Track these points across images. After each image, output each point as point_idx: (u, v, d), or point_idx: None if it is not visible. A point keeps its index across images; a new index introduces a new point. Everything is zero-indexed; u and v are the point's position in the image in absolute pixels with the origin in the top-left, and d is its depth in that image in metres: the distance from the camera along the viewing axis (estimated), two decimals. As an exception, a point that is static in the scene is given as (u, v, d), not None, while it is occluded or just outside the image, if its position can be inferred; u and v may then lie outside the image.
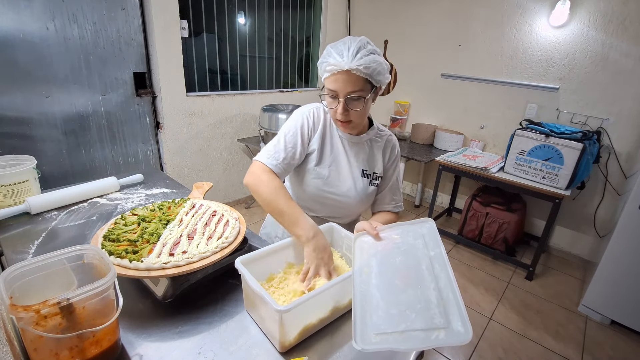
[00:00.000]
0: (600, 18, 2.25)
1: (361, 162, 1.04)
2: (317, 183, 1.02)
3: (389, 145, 1.08)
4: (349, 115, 0.91)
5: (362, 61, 0.84)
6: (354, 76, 0.85)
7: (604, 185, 2.42)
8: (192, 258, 0.75)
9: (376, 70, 0.86)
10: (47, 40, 1.85)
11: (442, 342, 0.57)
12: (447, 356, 1.73)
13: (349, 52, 0.85)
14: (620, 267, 1.90)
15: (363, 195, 1.04)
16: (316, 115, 1.03)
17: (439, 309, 0.61)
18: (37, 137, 1.94)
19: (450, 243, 2.82)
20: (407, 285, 0.68)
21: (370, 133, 1.05)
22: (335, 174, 1.02)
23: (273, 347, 0.69)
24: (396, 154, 1.10)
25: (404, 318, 0.62)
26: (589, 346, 1.85)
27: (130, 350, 0.66)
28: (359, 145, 1.04)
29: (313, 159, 1.02)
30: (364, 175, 1.04)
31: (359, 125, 0.98)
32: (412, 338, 0.59)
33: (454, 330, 0.57)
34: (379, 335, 0.61)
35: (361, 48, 0.86)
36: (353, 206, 1.05)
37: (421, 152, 2.89)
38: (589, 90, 2.39)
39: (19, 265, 0.60)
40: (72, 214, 1.11)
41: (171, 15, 2.27)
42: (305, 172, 1.03)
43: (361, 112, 0.91)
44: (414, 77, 3.31)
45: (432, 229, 0.77)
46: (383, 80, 0.91)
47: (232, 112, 2.87)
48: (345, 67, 0.84)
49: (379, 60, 0.87)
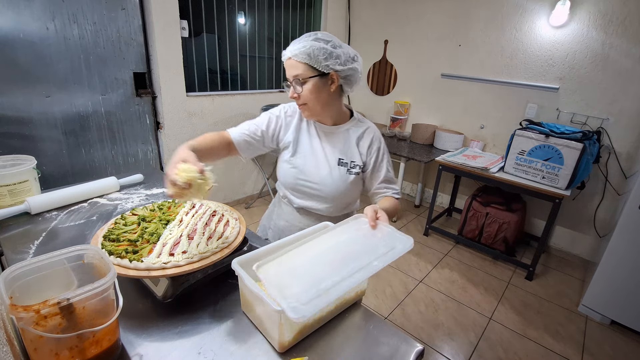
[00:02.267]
0: (600, 18, 2.25)
1: (338, 152, 1.09)
2: (294, 172, 1.10)
3: (368, 135, 1.12)
4: (299, 98, 1.01)
5: (298, 46, 0.95)
6: (294, 62, 0.97)
7: (604, 185, 2.42)
8: (192, 258, 0.75)
9: (313, 55, 0.94)
10: (47, 40, 1.85)
11: (283, 306, 0.56)
12: (447, 356, 1.73)
13: (295, 42, 0.97)
14: (620, 267, 1.90)
15: (340, 183, 1.08)
16: (291, 110, 1.14)
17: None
18: (37, 137, 1.94)
19: (450, 243, 2.82)
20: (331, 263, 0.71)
21: (348, 124, 1.11)
22: (311, 163, 1.09)
23: (272, 348, 0.69)
24: (378, 144, 1.12)
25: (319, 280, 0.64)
26: (589, 346, 1.85)
27: (130, 350, 0.66)
28: (335, 135, 1.11)
29: (289, 151, 1.11)
30: (340, 164, 1.09)
31: (315, 109, 1.03)
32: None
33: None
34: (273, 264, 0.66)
35: (305, 37, 0.97)
36: (331, 194, 1.09)
37: (421, 152, 2.89)
38: (589, 90, 2.39)
39: (19, 265, 0.60)
40: (72, 214, 1.11)
41: (171, 15, 2.27)
42: (283, 163, 1.13)
43: (308, 95, 0.99)
44: (414, 77, 3.31)
45: (407, 248, 0.77)
46: (332, 66, 0.96)
47: (232, 112, 2.87)
48: (287, 55, 0.98)
49: (318, 46, 0.95)
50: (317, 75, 0.97)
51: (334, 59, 0.96)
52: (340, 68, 0.98)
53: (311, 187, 1.10)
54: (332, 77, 0.99)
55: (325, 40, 0.96)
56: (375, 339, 0.74)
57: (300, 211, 1.17)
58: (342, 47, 0.99)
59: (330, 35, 0.99)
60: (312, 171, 1.09)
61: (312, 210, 1.14)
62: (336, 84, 1.01)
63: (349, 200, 1.15)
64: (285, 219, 1.21)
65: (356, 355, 0.69)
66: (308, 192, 1.11)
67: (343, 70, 0.99)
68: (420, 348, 0.71)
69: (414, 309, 2.05)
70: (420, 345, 0.72)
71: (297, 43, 0.96)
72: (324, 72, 0.97)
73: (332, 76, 0.99)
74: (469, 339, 1.85)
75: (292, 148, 1.11)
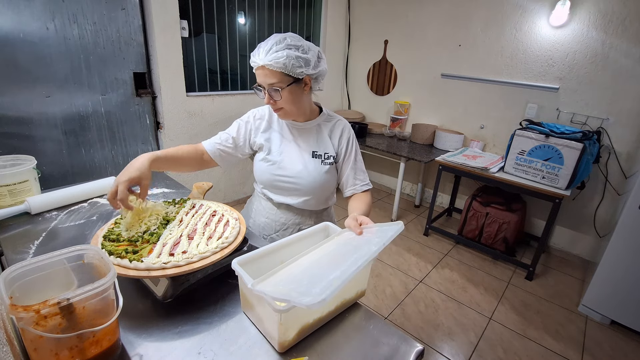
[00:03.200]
0: (600, 18, 2.25)
1: (311, 145, 1.14)
2: (270, 169, 1.14)
3: (338, 127, 1.17)
4: (276, 104, 1.03)
5: (272, 57, 0.94)
6: (268, 70, 0.96)
7: (604, 185, 2.42)
8: (192, 258, 0.75)
9: (289, 64, 0.95)
10: (47, 40, 1.85)
11: (293, 301, 0.57)
12: (447, 356, 1.73)
13: (264, 49, 0.96)
14: (620, 267, 1.90)
15: (316, 174, 1.12)
16: (260, 113, 1.18)
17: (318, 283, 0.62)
18: (37, 137, 1.94)
19: (450, 243, 2.82)
20: (327, 267, 0.70)
21: (319, 119, 1.16)
22: (286, 159, 1.13)
23: (272, 348, 0.69)
24: (348, 135, 1.17)
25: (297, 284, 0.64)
26: (589, 346, 1.85)
27: (130, 350, 0.66)
28: (307, 130, 1.15)
29: (264, 150, 1.15)
30: (314, 156, 1.13)
31: (292, 111, 1.06)
32: (282, 293, 0.60)
33: (306, 297, 0.57)
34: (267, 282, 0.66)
35: (276, 44, 0.96)
36: (308, 186, 1.13)
37: (421, 152, 2.89)
38: (589, 90, 2.39)
39: (19, 265, 0.60)
40: (72, 214, 1.11)
41: (171, 15, 2.27)
42: (259, 162, 1.16)
43: (286, 100, 1.01)
44: (414, 77, 3.31)
45: (398, 230, 0.80)
46: (306, 72, 0.99)
47: (232, 112, 2.87)
48: (260, 63, 0.97)
49: (292, 55, 0.95)
50: (293, 82, 1.00)
51: (306, 65, 0.99)
52: (312, 72, 1.01)
53: (288, 182, 1.13)
54: (305, 80, 1.02)
55: (296, 46, 0.97)
56: (375, 339, 0.74)
57: (281, 207, 1.20)
58: (310, 49, 1.01)
59: (298, 38, 1.00)
60: (287, 166, 1.12)
61: (293, 205, 1.17)
62: (309, 85, 1.05)
63: (326, 194, 1.19)
64: (265, 215, 1.23)
65: (356, 355, 0.69)
66: (286, 187, 1.14)
67: (314, 73, 1.02)
68: (420, 348, 0.71)
69: (414, 309, 2.05)
70: (420, 345, 0.72)
71: (269, 52, 0.95)
72: (298, 77, 0.99)
73: (305, 80, 1.02)
74: (469, 339, 1.85)
75: (265, 148, 1.15)
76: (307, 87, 1.04)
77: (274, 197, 1.19)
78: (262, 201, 1.24)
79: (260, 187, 1.23)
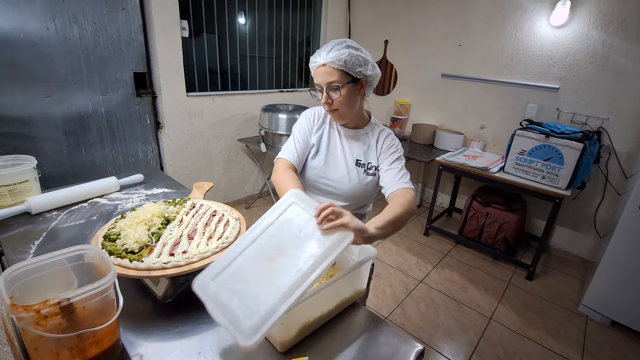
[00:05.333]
0: (600, 18, 2.25)
1: (356, 154, 1.15)
2: (315, 171, 1.16)
3: (382, 136, 1.17)
4: (332, 104, 1.04)
5: (334, 54, 0.97)
6: (329, 68, 0.99)
7: (604, 185, 2.42)
8: (192, 258, 0.75)
9: (350, 62, 0.97)
10: (47, 40, 1.85)
11: (230, 330, 0.60)
12: (447, 356, 1.73)
13: (326, 49, 1.00)
14: (620, 267, 1.90)
15: (356, 182, 1.13)
16: (317, 114, 1.19)
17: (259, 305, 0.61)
18: (38, 137, 1.95)
19: (451, 243, 2.82)
20: (272, 262, 0.68)
21: (367, 128, 1.17)
22: (331, 164, 1.15)
23: (273, 347, 0.69)
24: (390, 141, 1.15)
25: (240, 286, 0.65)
26: (589, 346, 1.85)
27: (130, 350, 0.66)
28: (355, 138, 1.16)
29: (312, 151, 1.17)
30: (358, 164, 1.14)
31: (346, 113, 1.07)
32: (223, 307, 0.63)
33: (243, 330, 0.59)
34: (214, 280, 0.67)
35: (337, 44, 1.00)
36: (347, 193, 1.14)
37: (421, 152, 2.89)
38: (590, 90, 2.38)
39: (19, 265, 0.60)
40: (72, 214, 1.11)
41: (171, 15, 2.27)
42: (306, 162, 1.18)
43: (343, 100, 1.02)
44: (414, 77, 3.31)
45: (347, 243, 0.69)
46: (364, 72, 1.01)
47: (232, 112, 2.87)
48: (321, 62, 0.99)
49: (354, 53, 0.98)
50: (351, 81, 1.01)
51: (365, 65, 1.01)
52: (369, 73, 1.03)
53: (328, 185, 1.15)
54: (362, 82, 1.04)
55: (355, 48, 1.00)
56: (375, 339, 0.74)
57: None
58: (366, 54, 1.03)
59: (356, 43, 1.03)
60: (330, 170, 1.14)
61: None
62: (364, 88, 1.07)
63: (363, 202, 1.20)
64: None
65: (356, 355, 0.69)
66: (326, 190, 1.16)
67: (371, 75, 1.04)
68: (420, 348, 0.71)
69: (414, 309, 2.05)
70: (421, 345, 0.72)
71: (331, 51, 0.98)
72: (356, 77, 1.01)
73: (362, 81, 1.04)
74: (469, 339, 1.85)
75: (315, 148, 1.17)
76: (362, 89, 1.06)
77: (313, 197, 1.19)
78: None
79: (305, 187, 1.21)
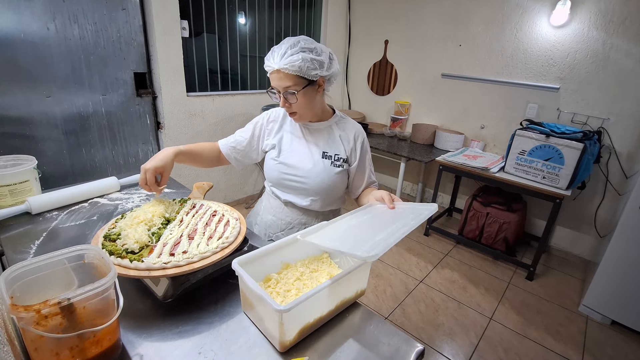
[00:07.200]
0: (600, 18, 2.25)
1: (321, 146, 1.15)
2: (280, 167, 1.15)
3: (350, 130, 1.17)
4: (291, 107, 1.04)
5: (287, 60, 0.95)
6: (283, 74, 0.97)
7: (605, 185, 2.42)
8: (192, 258, 0.75)
9: (304, 67, 0.96)
10: (47, 40, 1.85)
11: (348, 252, 0.67)
12: (447, 356, 1.73)
13: (279, 53, 0.97)
14: (620, 267, 1.90)
15: (324, 175, 1.12)
16: (273, 115, 1.20)
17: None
18: (38, 137, 1.95)
19: (451, 243, 2.82)
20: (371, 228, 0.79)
21: (331, 121, 1.17)
22: (296, 158, 1.14)
23: (273, 347, 0.69)
24: (361, 139, 1.17)
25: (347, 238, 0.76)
26: (590, 346, 1.85)
27: (130, 350, 0.66)
28: (318, 131, 1.16)
29: (274, 151, 1.17)
30: (324, 156, 1.14)
31: (305, 114, 1.08)
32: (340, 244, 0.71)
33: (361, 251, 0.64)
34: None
35: (290, 48, 0.97)
36: (315, 186, 1.13)
37: (421, 152, 2.89)
38: (590, 90, 2.38)
39: (19, 265, 0.60)
40: (72, 214, 1.11)
41: (171, 15, 2.27)
42: (269, 160, 1.18)
43: (300, 104, 1.02)
44: (414, 77, 3.31)
45: (432, 211, 0.87)
46: (320, 74, 1.00)
47: (233, 112, 2.87)
48: (275, 67, 0.97)
49: (307, 57, 0.96)
50: (308, 84, 1.01)
51: (320, 67, 1.00)
52: (325, 73, 1.02)
53: (296, 181, 1.14)
54: (319, 82, 1.04)
55: (310, 49, 0.98)
56: (375, 339, 0.74)
57: (288, 205, 1.21)
58: (323, 51, 1.02)
59: (311, 41, 1.01)
60: (296, 165, 1.14)
61: (299, 205, 1.18)
62: (322, 87, 1.06)
63: (334, 196, 1.19)
64: (272, 213, 1.24)
65: (356, 355, 0.69)
66: (293, 186, 1.16)
67: (328, 74, 1.04)
68: (420, 348, 0.71)
69: (414, 309, 2.05)
70: (421, 345, 0.72)
71: (284, 56, 0.96)
72: (313, 80, 1.01)
73: (319, 81, 1.03)
74: (470, 339, 1.85)
75: (277, 148, 1.16)
76: (320, 88, 1.06)
77: (281, 195, 1.20)
78: (270, 199, 1.25)
79: (269, 185, 1.24)
